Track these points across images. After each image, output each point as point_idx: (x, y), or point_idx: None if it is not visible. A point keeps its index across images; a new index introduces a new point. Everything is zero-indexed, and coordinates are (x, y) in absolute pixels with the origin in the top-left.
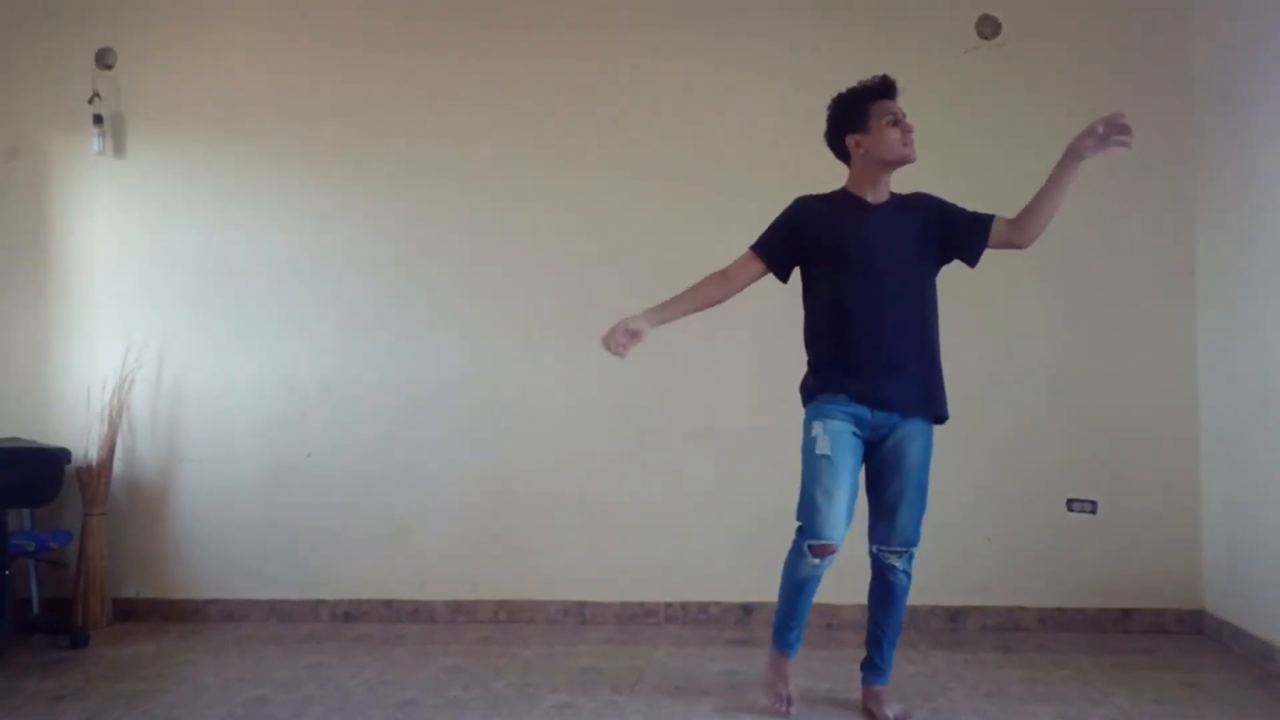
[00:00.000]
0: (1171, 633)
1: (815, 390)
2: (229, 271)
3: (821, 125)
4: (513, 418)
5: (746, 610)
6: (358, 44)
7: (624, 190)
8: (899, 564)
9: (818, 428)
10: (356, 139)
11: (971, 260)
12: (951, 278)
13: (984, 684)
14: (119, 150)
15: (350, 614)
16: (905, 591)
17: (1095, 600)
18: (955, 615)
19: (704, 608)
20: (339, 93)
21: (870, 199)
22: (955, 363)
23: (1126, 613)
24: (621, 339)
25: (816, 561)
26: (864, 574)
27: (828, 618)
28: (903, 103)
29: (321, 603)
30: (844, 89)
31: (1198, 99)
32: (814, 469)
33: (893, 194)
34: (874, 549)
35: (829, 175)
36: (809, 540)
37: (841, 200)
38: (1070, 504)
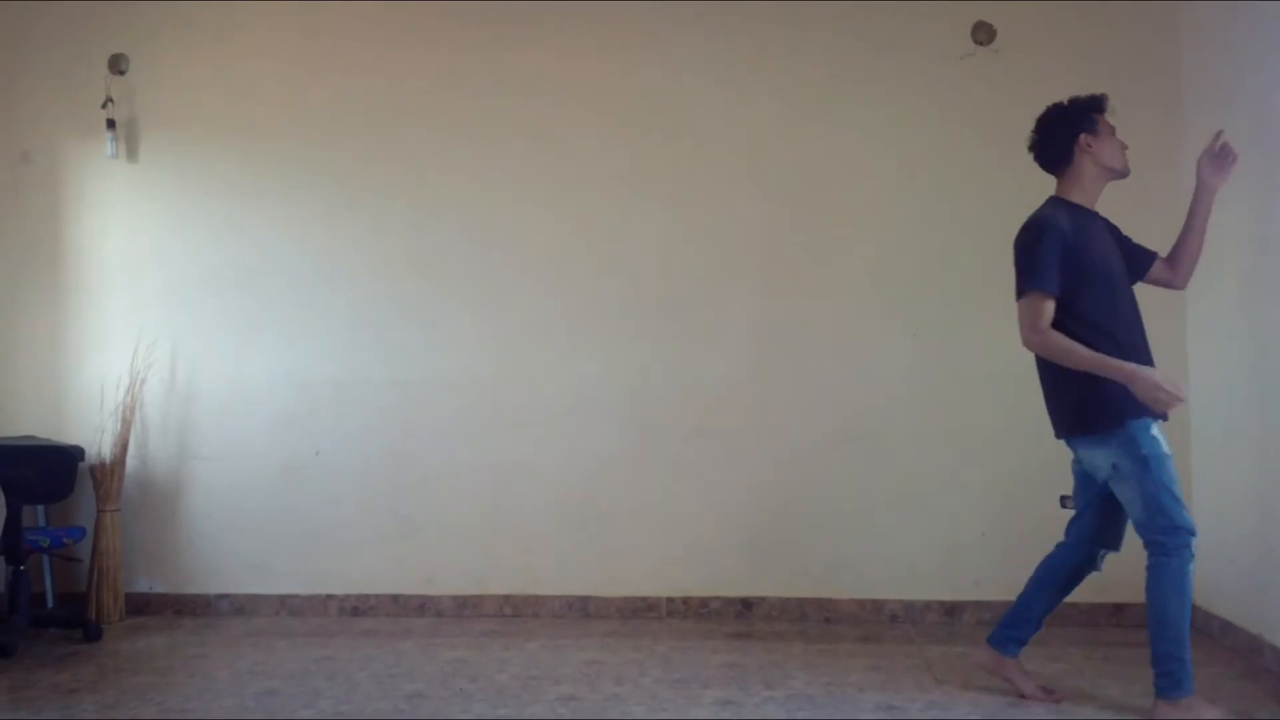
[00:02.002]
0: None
1: (1126, 404)
2: (240, 272)
3: (820, 129)
4: (518, 416)
5: (746, 605)
6: (366, 49)
7: (627, 193)
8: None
9: (1155, 429)
10: (365, 142)
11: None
12: (947, 278)
13: (978, 677)
14: (132, 154)
15: (359, 608)
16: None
17: (1088, 595)
18: (951, 609)
19: (704, 602)
20: (347, 97)
21: (1092, 208)
22: (951, 363)
23: (1119, 607)
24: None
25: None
26: (864, 569)
27: (827, 611)
28: (900, 106)
29: (330, 597)
30: (1059, 101)
31: (1187, 104)
32: (1169, 470)
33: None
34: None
35: (828, 178)
36: (1191, 537)
37: (1078, 214)
38: (1063, 500)
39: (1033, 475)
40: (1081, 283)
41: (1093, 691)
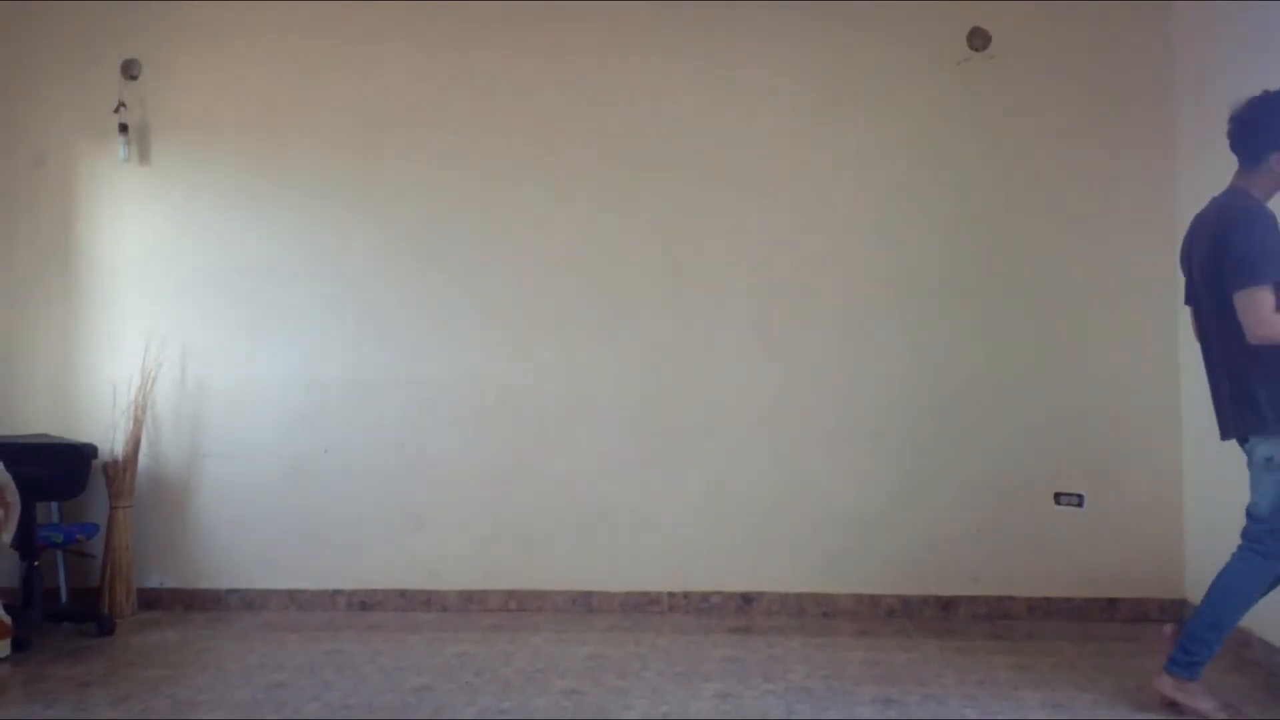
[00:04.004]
0: (1155, 621)
1: None
2: (250, 273)
3: (819, 130)
4: (522, 414)
5: (746, 600)
6: (373, 52)
7: (632, 192)
8: None
9: None
10: (373, 143)
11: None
12: (943, 279)
13: (975, 670)
14: (143, 157)
15: (366, 603)
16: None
17: (1081, 590)
18: (947, 604)
19: (705, 597)
20: (356, 99)
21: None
22: (948, 362)
23: (1112, 602)
24: None
25: None
26: (862, 565)
27: (825, 606)
28: (897, 109)
29: (339, 592)
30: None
31: (1178, 107)
32: None
33: None
34: None
35: (828, 179)
36: None
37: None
38: (1058, 497)
39: (1028, 473)
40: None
41: (1087, 685)
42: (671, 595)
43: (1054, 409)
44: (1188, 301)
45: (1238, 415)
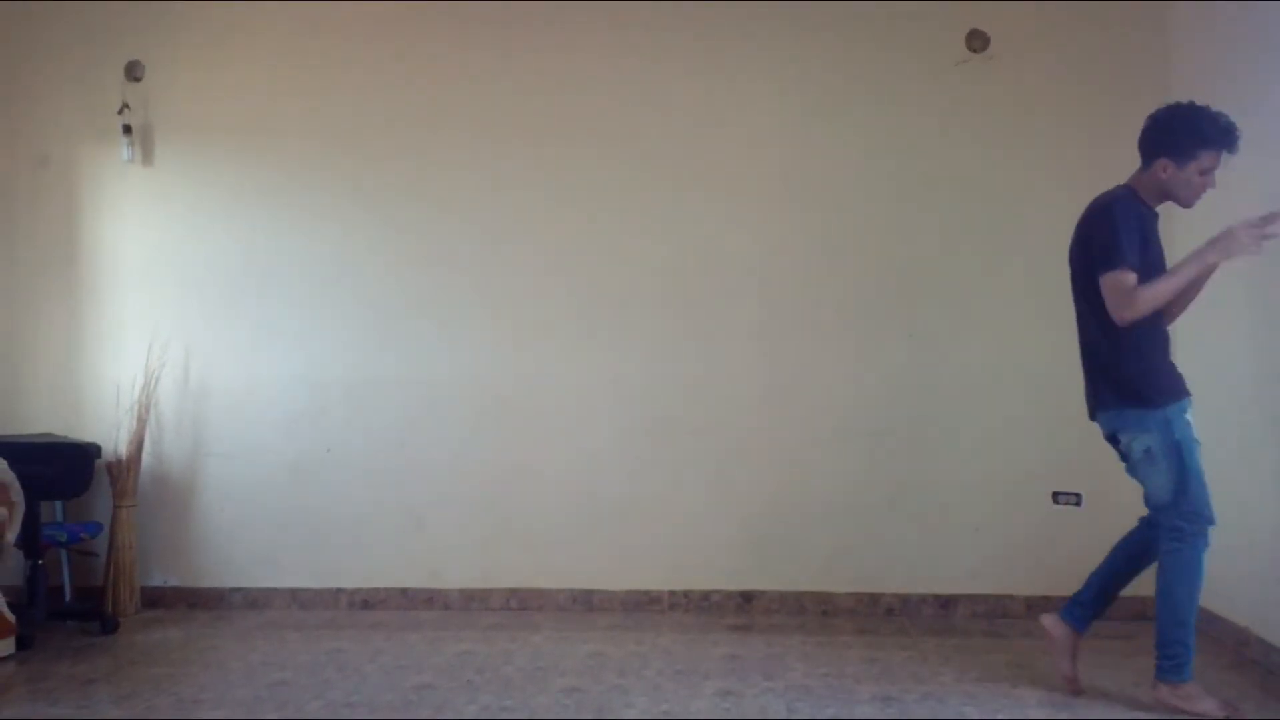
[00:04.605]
0: (1151, 619)
1: (1172, 385)
2: (252, 274)
3: (819, 131)
4: (523, 414)
5: (746, 598)
6: (376, 54)
7: (630, 194)
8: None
9: (1189, 415)
10: (375, 144)
11: None
12: (942, 279)
13: (973, 668)
14: (147, 158)
15: (368, 601)
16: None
17: (1079, 588)
18: (945, 602)
19: (706, 595)
20: (357, 100)
21: (1155, 208)
22: (946, 361)
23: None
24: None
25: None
26: (861, 563)
27: (824, 604)
28: (897, 110)
29: (340, 591)
30: (1193, 106)
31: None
32: (1198, 457)
33: None
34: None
35: (828, 180)
36: (1210, 525)
37: (1146, 208)
38: (1055, 496)
39: (1025, 472)
40: (1143, 275)
41: (1086, 682)
42: (672, 594)
43: (1051, 408)
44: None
45: (1096, 394)
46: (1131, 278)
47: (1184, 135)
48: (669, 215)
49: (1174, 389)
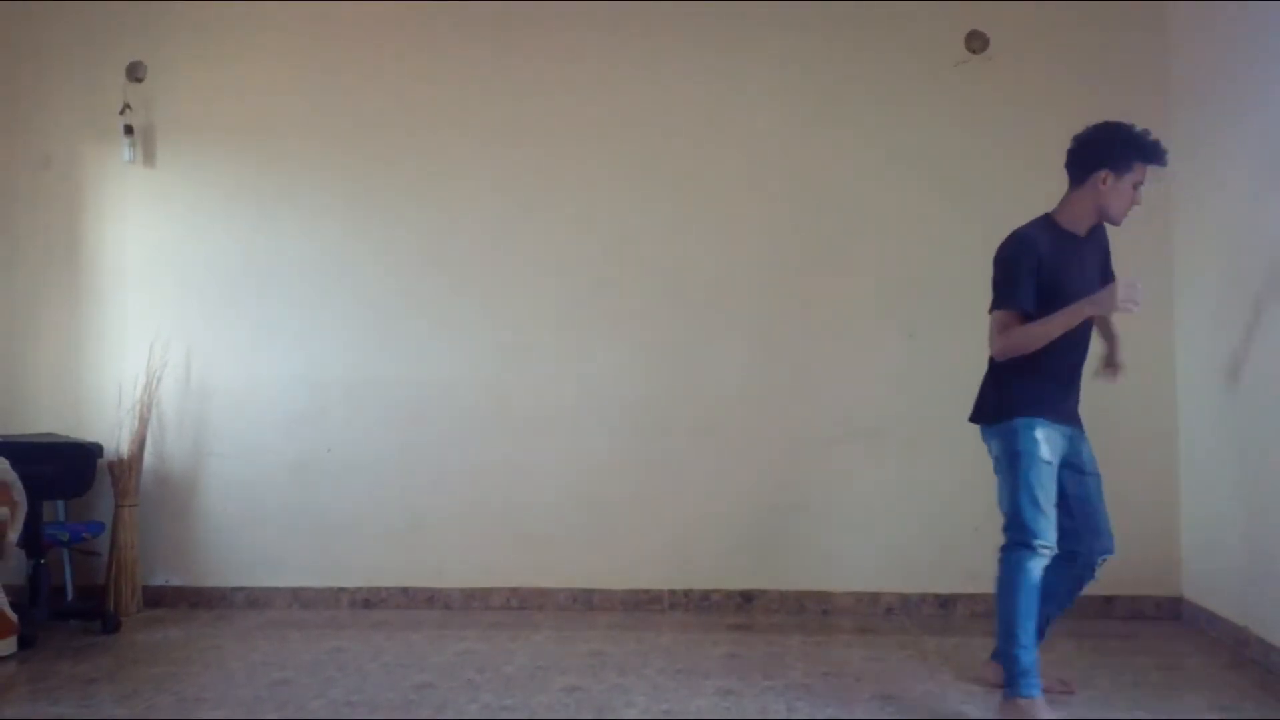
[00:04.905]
0: (1150, 619)
1: (1018, 403)
2: (254, 274)
3: (818, 132)
4: (524, 414)
5: (746, 597)
6: (377, 55)
7: (629, 196)
8: None
9: (1039, 432)
10: (375, 146)
11: None
12: (941, 279)
13: (973, 667)
14: (149, 159)
15: (369, 600)
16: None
17: None
18: (945, 602)
19: (706, 595)
20: (359, 102)
21: (1080, 233)
22: (945, 361)
23: (1108, 600)
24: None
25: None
26: (861, 563)
27: (824, 604)
28: (896, 111)
29: (342, 590)
30: (1121, 123)
31: (1175, 108)
32: (1038, 474)
33: (1092, 227)
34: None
35: (827, 181)
36: (1034, 540)
37: (1056, 234)
38: None
39: None
40: (1043, 304)
41: (1083, 683)
42: (672, 593)
43: None
44: None
45: (981, 404)
46: (1008, 319)
47: (1121, 147)
48: (669, 215)
49: (1029, 407)
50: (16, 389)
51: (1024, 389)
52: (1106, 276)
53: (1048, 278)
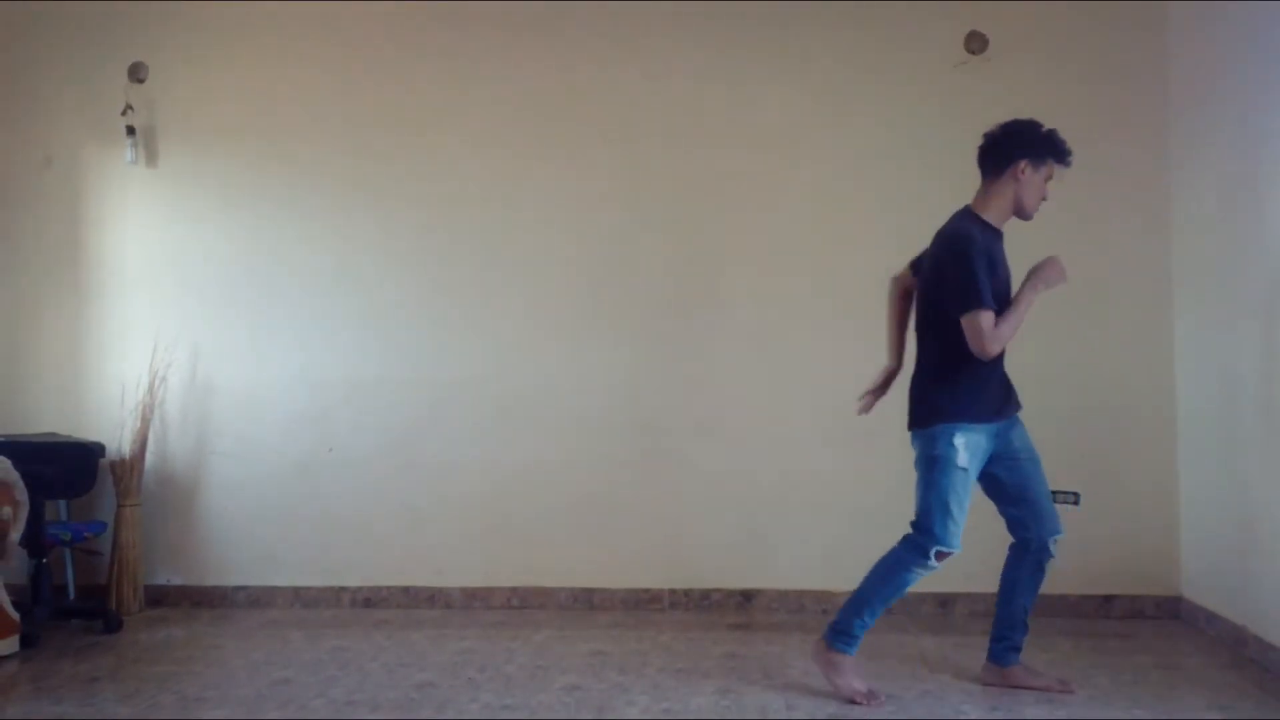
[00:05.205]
0: (1150, 618)
1: (943, 409)
2: (256, 274)
3: (818, 132)
4: (524, 413)
5: (746, 597)
6: (379, 57)
7: (631, 196)
8: None
9: (959, 439)
10: (377, 147)
11: None
12: None
13: (972, 666)
14: (150, 160)
15: (370, 600)
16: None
17: (1077, 587)
18: (944, 601)
19: (706, 594)
20: (361, 104)
21: (1001, 228)
22: None
23: (1107, 599)
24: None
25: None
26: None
27: (824, 603)
28: (896, 112)
29: (343, 589)
30: (1040, 123)
31: (1174, 108)
32: (954, 481)
33: None
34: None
35: (826, 181)
36: (936, 547)
37: (986, 230)
38: (1054, 495)
39: None
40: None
41: (1082, 682)
42: (672, 592)
43: (1050, 408)
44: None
45: (911, 408)
46: (990, 317)
47: (1039, 140)
48: (669, 215)
49: (957, 412)
50: (19, 389)
51: (964, 393)
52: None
53: (999, 276)
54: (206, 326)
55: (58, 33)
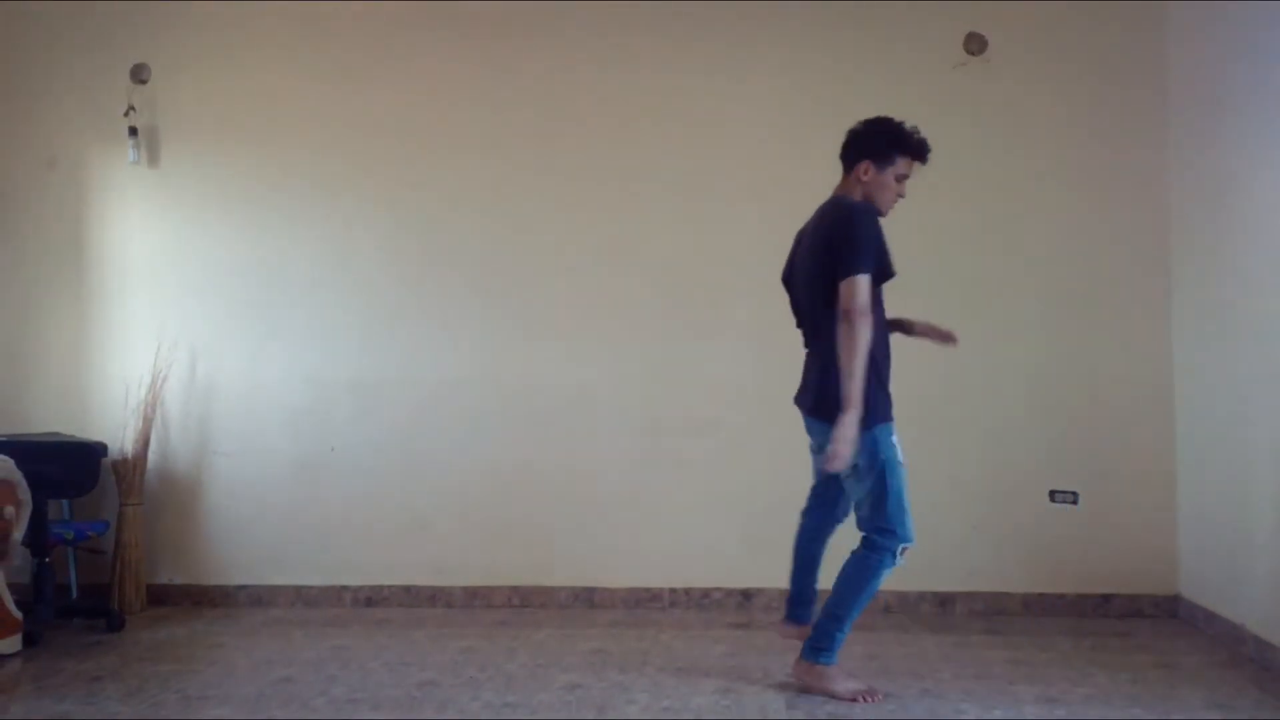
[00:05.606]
0: (1148, 616)
1: (881, 407)
2: (257, 274)
3: (817, 133)
4: (525, 413)
5: (746, 596)
6: (380, 56)
7: (628, 195)
8: None
9: (895, 436)
10: (379, 148)
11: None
12: (940, 280)
13: (971, 665)
14: (153, 160)
15: (372, 599)
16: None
17: (1076, 586)
18: (944, 600)
19: (706, 593)
20: (361, 105)
21: None
22: (944, 362)
23: (1106, 598)
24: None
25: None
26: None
27: (823, 602)
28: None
29: (345, 588)
30: (890, 118)
31: (1172, 109)
32: (901, 478)
33: None
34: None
35: (826, 181)
36: (902, 544)
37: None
38: (1052, 495)
39: (1023, 471)
40: (876, 280)
41: (1081, 680)
42: (673, 591)
43: (1049, 408)
44: (794, 312)
45: (818, 401)
46: (867, 283)
47: (884, 140)
48: (670, 215)
49: (884, 411)
50: (22, 388)
51: (879, 390)
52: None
53: (888, 255)
54: (208, 326)
55: (60, 34)
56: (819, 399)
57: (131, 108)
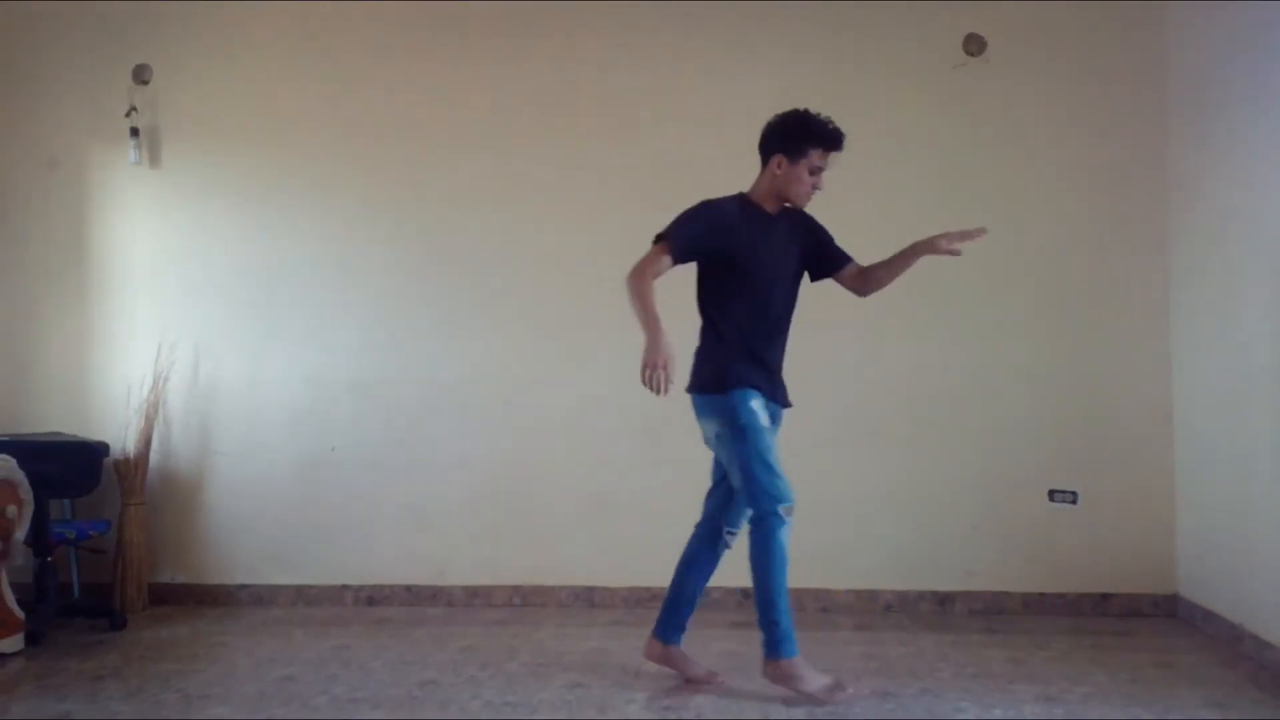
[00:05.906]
0: (1147, 616)
1: (733, 374)
2: (259, 274)
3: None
4: (526, 412)
5: (745, 594)
6: (382, 56)
7: (628, 194)
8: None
9: (755, 402)
10: (381, 147)
11: (813, 280)
12: (940, 280)
13: (970, 664)
14: (154, 160)
15: (373, 598)
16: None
17: (1075, 585)
18: (943, 599)
19: (706, 592)
20: (362, 105)
21: (770, 211)
22: (944, 362)
23: (1105, 597)
24: (664, 378)
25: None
26: (859, 560)
27: (823, 601)
28: (894, 113)
29: (346, 587)
30: (804, 110)
31: (1172, 111)
32: (764, 441)
33: (782, 209)
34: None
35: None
36: (779, 504)
37: (747, 208)
38: (1052, 494)
39: (1022, 470)
40: (728, 275)
41: (1081, 679)
42: None
43: (1048, 408)
44: None
45: (693, 372)
46: (664, 251)
47: (795, 133)
48: (670, 215)
49: (744, 379)
50: (24, 388)
51: (741, 363)
52: (821, 250)
53: (738, 244)
54: (210, 326)
55: (62, 34)
56: (693, 375)
57: (133, 108)
